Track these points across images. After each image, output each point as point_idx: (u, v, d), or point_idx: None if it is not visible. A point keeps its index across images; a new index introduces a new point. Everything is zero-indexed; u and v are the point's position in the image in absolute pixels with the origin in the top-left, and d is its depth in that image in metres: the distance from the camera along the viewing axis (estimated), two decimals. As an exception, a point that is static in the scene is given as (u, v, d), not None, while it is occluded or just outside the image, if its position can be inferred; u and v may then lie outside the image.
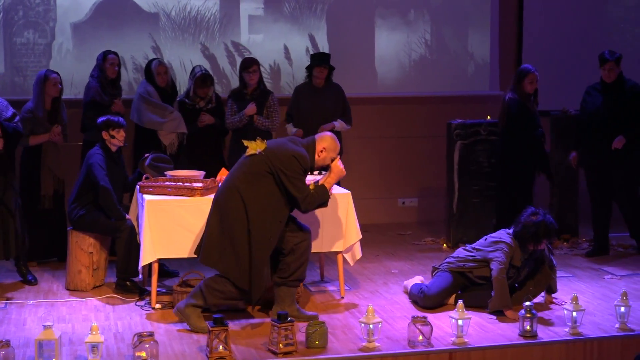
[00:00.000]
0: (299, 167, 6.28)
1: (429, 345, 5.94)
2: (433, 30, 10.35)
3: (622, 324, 6.35)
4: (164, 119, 8.60)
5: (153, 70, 8.73)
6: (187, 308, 6.31)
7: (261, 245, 6.25)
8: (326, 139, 6.48)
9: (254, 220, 6.24)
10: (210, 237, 6.35)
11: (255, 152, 6.37)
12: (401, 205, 10.44)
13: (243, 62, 8.83)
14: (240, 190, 6.29)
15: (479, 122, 8.99)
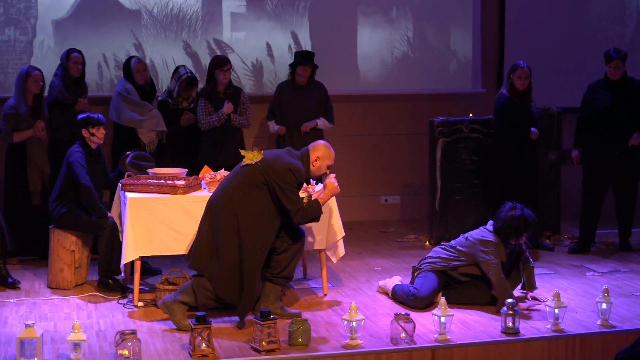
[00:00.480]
0: (294, 180, 6.30)
1: (412, 342, 5.95)
2: (415, 28, 10.36)
3: (604, 321, 6.38)
4: (143, 116, 8.58)
5: (132, 67, 8.70)
6: (174, 304, 6.30)
7: (253, 255, 6.25)
8: (319, 147, 6.49)
9: (246, 230, 6.24)
10: (201, 243, 6.35)
11: (251, 162, 6.37)
12: (384, 202, 10.45)
13: (216, 61, 8.70)
14: (233, 199, 6.29)
15: (461, 120, 9.01)
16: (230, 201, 6.30)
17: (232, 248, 6.24)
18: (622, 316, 6.60)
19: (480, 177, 8.97)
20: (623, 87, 8.49)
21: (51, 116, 8.31)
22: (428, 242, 9.04)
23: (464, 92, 10.50)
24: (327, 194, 6.55)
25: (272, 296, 6.49)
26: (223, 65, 8.60)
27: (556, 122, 9.26)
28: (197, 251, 6.37)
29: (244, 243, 6.23)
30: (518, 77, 8.47)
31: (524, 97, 8.53)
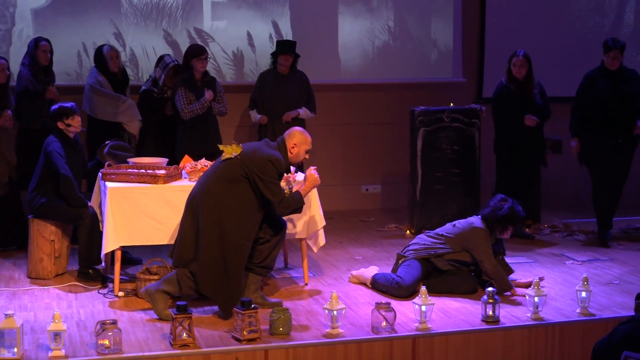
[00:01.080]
0: (275, 172, 6.29)
1: (393, 331, 5.97)
2: (396, 17, 10.35)
3: (583, 309, 6.42)
4: (117, 109, 8.55)
5: (105, 55, 8.64)
6: (157, 293, 6.28)
7: (237, 250, 6.24)
8: (295, 134, 6.49)
9: (229, 225, 6.23)
10: (184, 241, 6.34)
11: (230, 156, 6.35)
12: (365, 192, 10.46)
13: (194, 50, 8.61)
14: (214, 194, 6.27)
15: (442, 109, 9.01)
16: (211, 196, 6.28)
17: (215, 243, 6.22)
18: (601, 304, 6.64)
19: (460, 167, 8.99)
20: (620, 76, 8.48)
21: (20, 106, 8.26)
22: (409, 231, 9.05)
23: (445, 82, 10.51)
24: (308, 186, 6.55)
25: (253, 286, 6.49)
26: (201, 54, 8.55)
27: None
28: (181, 249, 6.35)
29: (228, 238, 6.22)
30: (514, 65, 8.54)
31: (523, 85, 8.54)
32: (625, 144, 8.49)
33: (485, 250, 6.74)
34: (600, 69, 8.56)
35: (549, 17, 10.73)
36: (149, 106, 8.69)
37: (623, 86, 8.44)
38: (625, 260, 8.01)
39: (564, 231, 9.10)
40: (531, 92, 8.57)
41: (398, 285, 6.82)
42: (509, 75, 8.59)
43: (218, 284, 6.24)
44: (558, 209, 9.87)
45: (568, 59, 10.67)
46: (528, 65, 8.55)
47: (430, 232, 7.15)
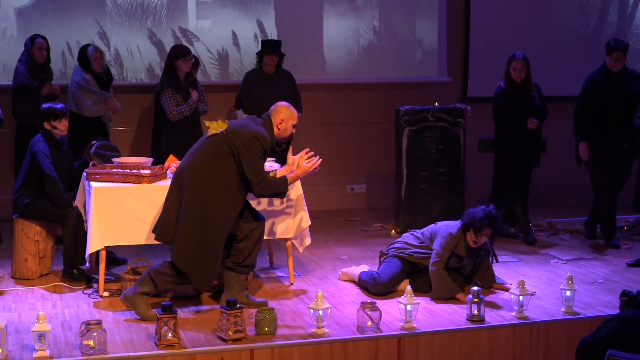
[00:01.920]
0: (259, 148, 6.25)
1: (378, 330, 5.97)
2: (381, 16, 10.36)
3: (568, 308, 6.44)
4: (102, 105, 8.59)
5: (89, 56, 8.67)
6: (135, 296, 6.27)
7: (217, 227, 6.22)
8: (281, 109, 6.46)
9: (212, 201, 6.21)
10: (167, 215, 6.31)
11: (216, 132, 6.31)
12: (350, 191, 10.46)
13: (179, 51, 8.54)
14: (199, 170, 6.24)
15: (427, 109, 9.01)
16: (195, 172, 6.25)
17: (196, 218, 6.20)
18: (585, 303, 6.66)
19: (445, 166, 9.00)
20: (623, 77, 8.35)
21: (17, 102, 8.27)
22: (394, 230, 9.06)
23: (430, 81, 10.53)
24: (298, 174, 6.52)
25: (237, 286, 6.47)
26: (186, 55, 8.50)
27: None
28: (164, 223, 6.32)
29: (209, 214, 6.20)
30: (513, 68, 8.46)
31: (521, 88, 8.49)
32: (630, 148, 8.33)
33: (441, 248, 6.74)
34: (603, 70, 8.39)
35: (533, 16, 10.76)
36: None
37: (626, 88, 8.30)
38: (609, 259, 8.04)
39: (549, 230, 9.13)
40: (530, 94, 8.50)
41: (375, 282, 6.87)
42: (508, 78, 8.51)
43: (194, 259, 6.21)
44: (543, 208, 9.89)
45: (553, 58, 10.71)
46: (527, 68, 8.46)
47: (417, 231, 7.15)
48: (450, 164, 9.02)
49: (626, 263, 7.74)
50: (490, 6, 10.61)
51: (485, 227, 6.67)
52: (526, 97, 8.50)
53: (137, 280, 6.39)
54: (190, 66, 8.57)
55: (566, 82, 10.72)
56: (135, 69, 9.58)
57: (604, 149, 8.36)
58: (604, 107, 8.30)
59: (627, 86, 8.30)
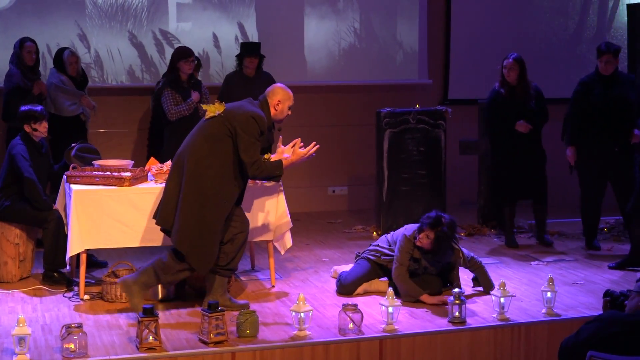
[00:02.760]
0: (257, 129, 6.25)
1: (360, 332, 5.97)
2: (362, 18, 10.38)
3: (549, 309, 6.46)
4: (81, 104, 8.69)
5: (65, 60, 8.74)
6: (135, 285, 6.24)
7: (215, 209, 6.22)
8: (277, 91, 6.49)
9: (211, 185, 6.21)
10: (167, 200, 6.30)
11: (214, 114, 6.32)
12: (331, 193, 10.47)
13: (181, 52, 8.62)
14: (198, 153, 6.25)
15: (408, 111, 9.03)
16: (194, 155, 6.25)
17: (195, 200, 6.20)
18: (566, 305, 6.69)
19: (426, 168, 9.02)
20: (615, 81, 8.23)
21: (11, 103, 8.29)
22: (375, 232, 9.07)
23: (411, 83, 10.55)
24: (294, 158, 6.53)
25: (220, 289, 6.45)
26: (188, 57, 8.57)
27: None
28: (165, 208, 6.31)
29: (208, 196, 6.21)
30: (504, 67, 8.43)
31: (515, 89, 8.44)
32: (620, 153, 8.24)
33: (399, 253, 6.74)
34: (595, 74, 8.31)
35: (513, 19, 10.80)
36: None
37: (617, 91, 8.19)
38: (589, 261, 8.08)
39: (529, 232, 9.16)
40: (524, 96, 8.43)
41: (340, 283, 6.95)
42: (502, 79, 8.46)
43: (192, 241, 6.21)
44: (523, 210, 9.92)
45: (533, 60, 10.71)
46: (519, 69, 8.39)
47: (391, 234, 7.17)
48: (431, 166, 9.04)
49: (608, 265, 7.76)
50: (470, 9, 10.64)
51: (425, 229, 6.64)
52: (519, 100, 8.45)
53: (140, 268, 6.37)
54: (192, 68, 8.63)
55: (546, 84, 10.72)
56: (116, 71, 9.55)
57: (594, 152, 8.28)
58: (593, 111, 8.22)
59: (618, 89, 8.21)
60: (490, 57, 10.64)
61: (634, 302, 4.55)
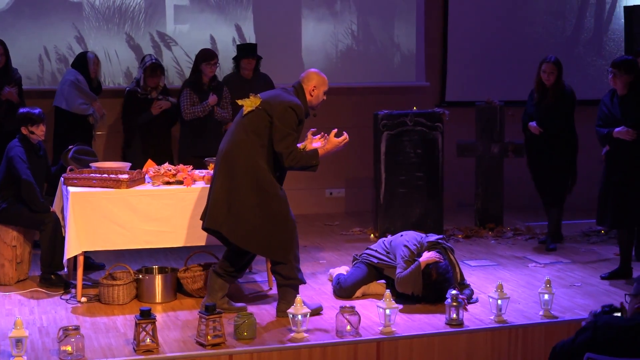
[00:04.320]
0: (295, 119, 6.23)
1: (357, 334, 5.97)
2: (359, 21, 10.38)
3: (546, 311, 6.46)
4: (92, 107, 8.66)
5: (90, 59, 8.77)
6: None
7: (274, 199, 6.21)
8: (312, 76, 6.44)
9: (266, 176, 6.20)
10: (216, 201, 6.22)
11: (252, 108, 6.28)
12: (329, 195, 10.47)
13: (204, 54, 8.75)
14: (245, 149, 6.19)
15: (405, 113, 9.04)
16: (243, 151, 6.18)
17: (253, 197, 6.16)
18: (563, 307, 6.69)
19: (424, 170, 9.02)
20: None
21: None
22: (373, 234, 9.07)
23: (408, 86, 10.55)
24: (329, 147, 6.50)
25: (221, 292, 6.43)
26: (211, 59, 8.68)
27: (499, 115, 9.35)
28: (214, 208, 6.23)
29: (267, 190, 6.18)
30: (543, 71, 8.42)
31: (548, 92, 8.42)
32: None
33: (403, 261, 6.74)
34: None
35: (510, 21, 10.81)
36: (134, 107, 8.72)
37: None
38: (586, 263, 8.08)
39: (527, 234, 9.17)
40: (554, 99, 8.40)
41: (339, 286, 6.95)
42: (538, 81, 8.46)
43: (266, 238, 6.20)
44: (520, 211, 9.93)
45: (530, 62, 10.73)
46: (557, 71, 8.39)
47: (387, 239, 7.17)
48: (428, 168, 9.04)
49: (600, 276, 7.67)
50: (468, 11, 10.65)
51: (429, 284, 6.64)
52: (546, 102, 8.45)
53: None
54: (214, 70, 8.75)
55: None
56: (113, 73, 9.54)
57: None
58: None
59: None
60: (487, 59, 10.67)
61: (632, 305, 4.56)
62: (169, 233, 6.87)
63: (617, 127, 7.37)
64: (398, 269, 6.71)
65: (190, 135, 8.76)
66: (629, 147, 7.39)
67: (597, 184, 7.78)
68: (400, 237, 7.04)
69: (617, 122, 7.43)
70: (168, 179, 6.98)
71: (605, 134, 7.48)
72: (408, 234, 7.09)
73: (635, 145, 7.39)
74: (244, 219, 6.19)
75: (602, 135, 7.50)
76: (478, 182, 9.50)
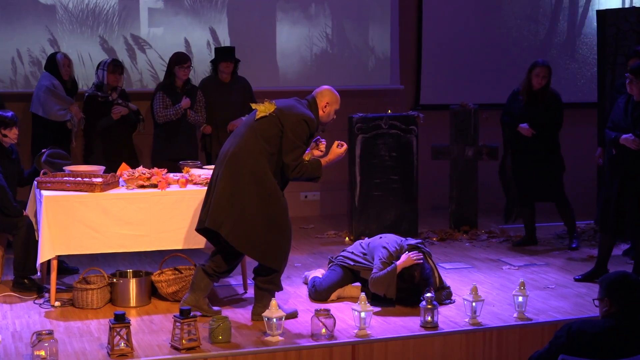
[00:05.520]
0: (306, 132, 6.21)
1: (332, 337, 5.97)
2: (334, 24, 10.39)
3: (520, 313, 6.49)
4: (70, 111, 8.58)
5: (59, 61, 8.65)
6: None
7: (276, 206, 6.19)
8: (326, 93, 6.43)
9: (273, 183, 6.17)
10: (219, 201, 6.16)
11: (266, 114, 6.23)
12: (304, 199, 10.47)
13: (177, 57, 8.73)
14: (257, 154, 6.15)
15: (380, 116, 9.06)
16: (252, 156, 6.13)
17: (256, 201, 6.12)
18: (537, 309, 6.72)
19: (398, 173, 9.04)
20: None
21: None
22: (348, 237, 9.08)
23: (383, 89, 10.58)
24: (330, 157, 6.50)
25: (205, 292, 6.40)
26: (184, 62, 8.67)
27: (473, 118, 9.38)
28: (216, 208, 6.16)
29: (271, 196, 6.16)
30: (536, 74, 8.47)
31: (536, 95, 8.49)
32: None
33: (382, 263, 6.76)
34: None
35: (485, 24, 10.87)
36: (94, 111, 8.66)
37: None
38: (561, 265, 8.12)
39: (501, 236, 9.21)
40: (543, 102, 8.48)
41: (315, 289, 6.95)
42: (527, 84, 8.52)
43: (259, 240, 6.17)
44: (495, 214, 9.96)
45: (503, 66, 10.81)
46: (549, 75, 8.47)
47: (365, 240, 7.18)
48: (403, 171, 9.06)
49: (574, 278, 7.69)
50: (442, 14, 10.69)
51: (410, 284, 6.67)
52: (533, 105, 8.50)
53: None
54: (187, 74, 8.73)
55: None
56: (87, 76, 9.49)
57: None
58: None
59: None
60: (461, 62, 10.72)
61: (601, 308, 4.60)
62: (143, 237, 6.84)
63: (625, 134, 7.30)
64: (374, 269, 6.71)
65: (163, 138, 8.74)
66: (631, 155, 7.29)
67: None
68: (380, 239, 7.05)
69: (628, 127, 7.35)
70: (142, 183, 6.95)
71: (613, 138, 7.43)
72: (387, 236, 7.09)
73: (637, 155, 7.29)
74: (245, 223, 6.16)
75: (610, 139, 7.47)
76: (452, 185, 9.53)
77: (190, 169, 7.37)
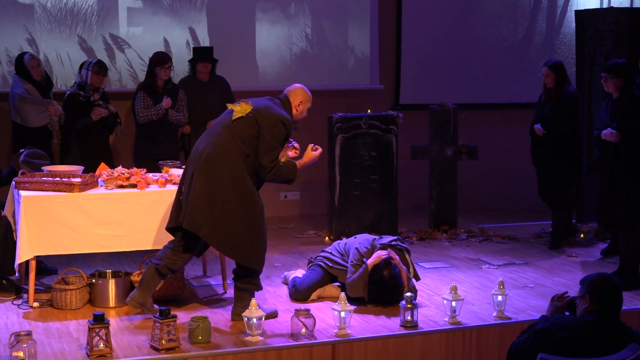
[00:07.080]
0: (283, 134, 6.20)
1: (312, 337, 5.97)
2: (314, 24, 10.39)
3: (500, 312, 6.51)
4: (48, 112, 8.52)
5: (26, 64, 8.50)
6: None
7: (253, 207, 6.16)
8: (299, 92, 6.42)
9: (250, 184, 6.16)
10: (196, 201, 6.09)
11: (243, 114, 6.19)
12: (283, 199, 10.46)
13: (158, 58, 8.71)
14: (234, 156, 6.11)
15: (359, 116, 9.06)
16: (229, 157, 6.09)
17: (232, 202, 6.09)
18: (517, 308, 6.74)
19: (378, 173, 9.05)
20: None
21: None
22: (328, 237, 9.08)
23: (362, 89, 10.59)
24: (305, 160, 6.51)
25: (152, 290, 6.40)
26: (165, 63, 8.66)
27: (452, 117, 9.40)
28: (193, 210, 6.10)
29: (248, 197, 6.14)
30: (543, 74, 8.58)
31: (549, 94, 8.56)
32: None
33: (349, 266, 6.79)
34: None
35: (463, 24, 10.89)
36: (74, 110, 8.61)
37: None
38: (539, 264, 8.16)
39: (480, 236, 9.24)
40: (557, 102, 8.49)
41: (295, 289, 6.95)
42: (543, 83, 8.62)
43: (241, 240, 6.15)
44: (474, 214, 10.00)
45: (482, 66, 10.85)
46: (554, 75, 8.49)
47: (343, 241, 7.19)
48: (383, 170, 9.07)
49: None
50: (421, 14, 10.71)
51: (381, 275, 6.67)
52: (549, 104, 8.55)
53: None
54: (169, 74, 8.72)
55: (496, 89, 10.87)
56: (65, 75, 9.45)
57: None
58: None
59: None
60: (441, 62, 10.74)
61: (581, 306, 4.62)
62: (122, 237, 6.81)
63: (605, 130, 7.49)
64: (348, 273, 6.73)
65: (144, 138, 8.73)
66: (613, 149, 7.47)
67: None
68: (354, 239, 7.07)
69: (608, 124, 7.55)
70: (121, 183, 6.92)
71: (595, 137, 7.64)
72: (361, 236, 7.12)
73: (618, 148, 7.43)
74: (225, 224, 6.13)
75: (594, 138, 7.66)
76: (432, 185, 9.55)
77: (169, 168, 7.35)
